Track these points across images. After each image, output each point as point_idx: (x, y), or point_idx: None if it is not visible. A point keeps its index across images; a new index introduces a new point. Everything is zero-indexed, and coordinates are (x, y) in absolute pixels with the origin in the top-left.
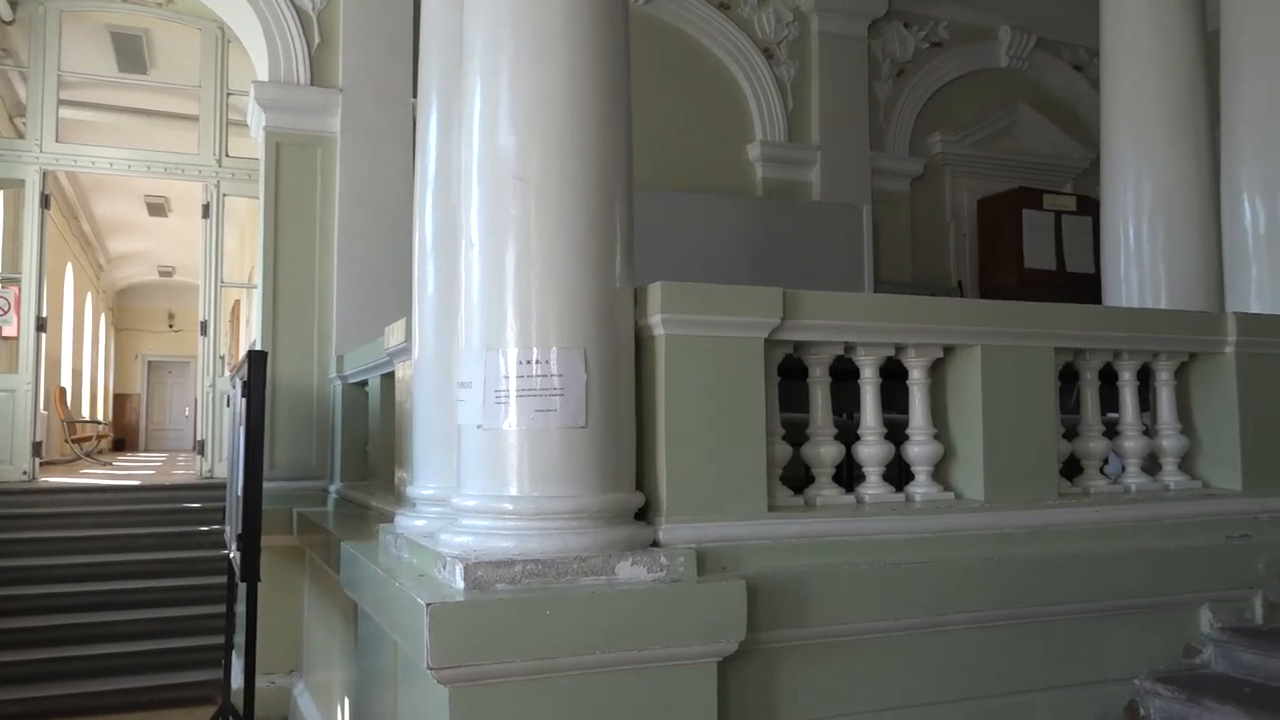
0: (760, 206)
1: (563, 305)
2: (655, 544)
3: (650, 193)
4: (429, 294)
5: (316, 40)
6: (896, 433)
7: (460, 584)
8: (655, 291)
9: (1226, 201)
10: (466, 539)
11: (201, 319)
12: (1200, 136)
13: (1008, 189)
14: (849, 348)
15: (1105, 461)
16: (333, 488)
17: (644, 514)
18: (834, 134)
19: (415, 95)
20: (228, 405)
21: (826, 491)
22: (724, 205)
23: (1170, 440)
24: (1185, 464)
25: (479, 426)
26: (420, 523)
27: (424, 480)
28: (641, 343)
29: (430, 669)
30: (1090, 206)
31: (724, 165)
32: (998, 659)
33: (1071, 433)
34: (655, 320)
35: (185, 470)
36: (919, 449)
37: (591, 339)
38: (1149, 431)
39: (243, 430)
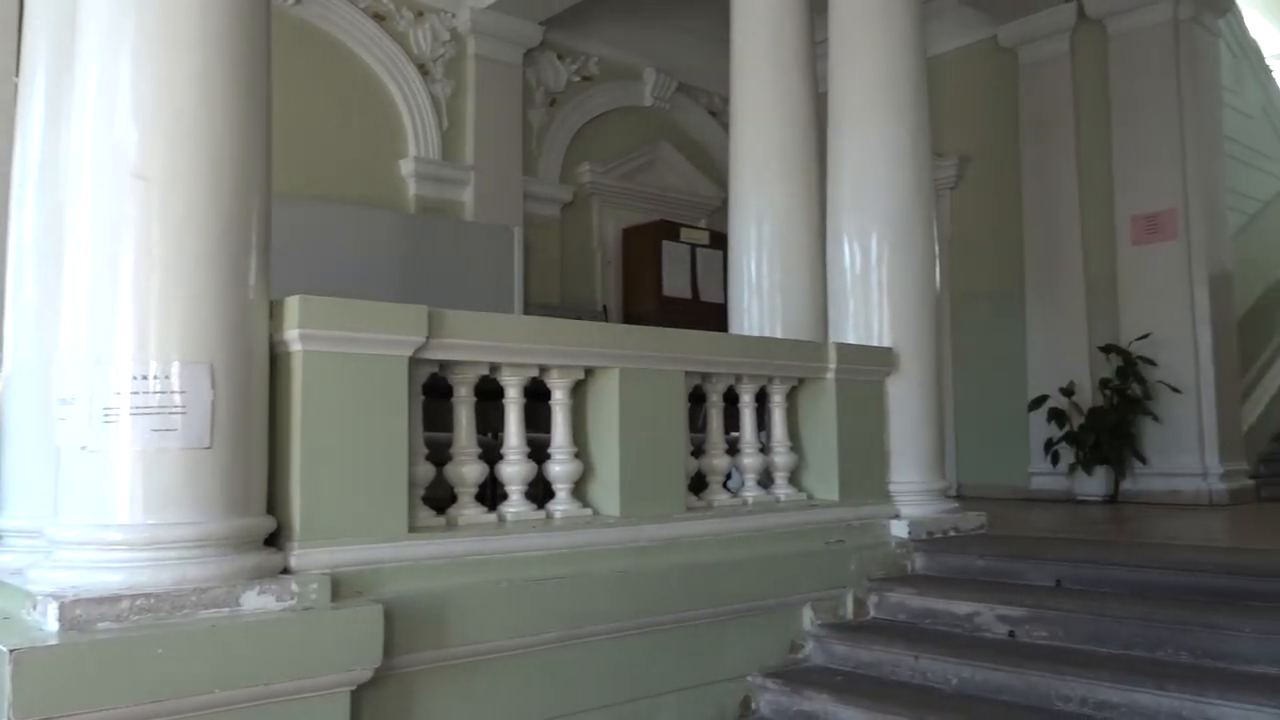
0: (412, 223)
1: (187, 316)
2: (287, 571)
3: (294, 202)
4: (27, 299)
5: None
6: (540, 451)
7: (53, 625)
8: (293, 305)
9: (830, 243)
10: (64, 574)
11: None
12: (812, 184)
13: (650, 221)
14: (494, 368)
15: (728, 476)
16: None
17: (276, 539)
18: (488, 156)
19: (19, 74)
20: None
21: (469, 511)
22: (374, 220)
23: (782, 457)
24: (794, 478)
25: (83, 448)
26: (8, 558)
27: (14, 509)
28: (277, 358)
29: None
30: (721, 241)
31: (375, 179)
32: (631, 666)
33: (699, 450)
34: (293, 335)
35: None
36: (560, 467)
37: (220, 353)
38: (765, 449)
39: None
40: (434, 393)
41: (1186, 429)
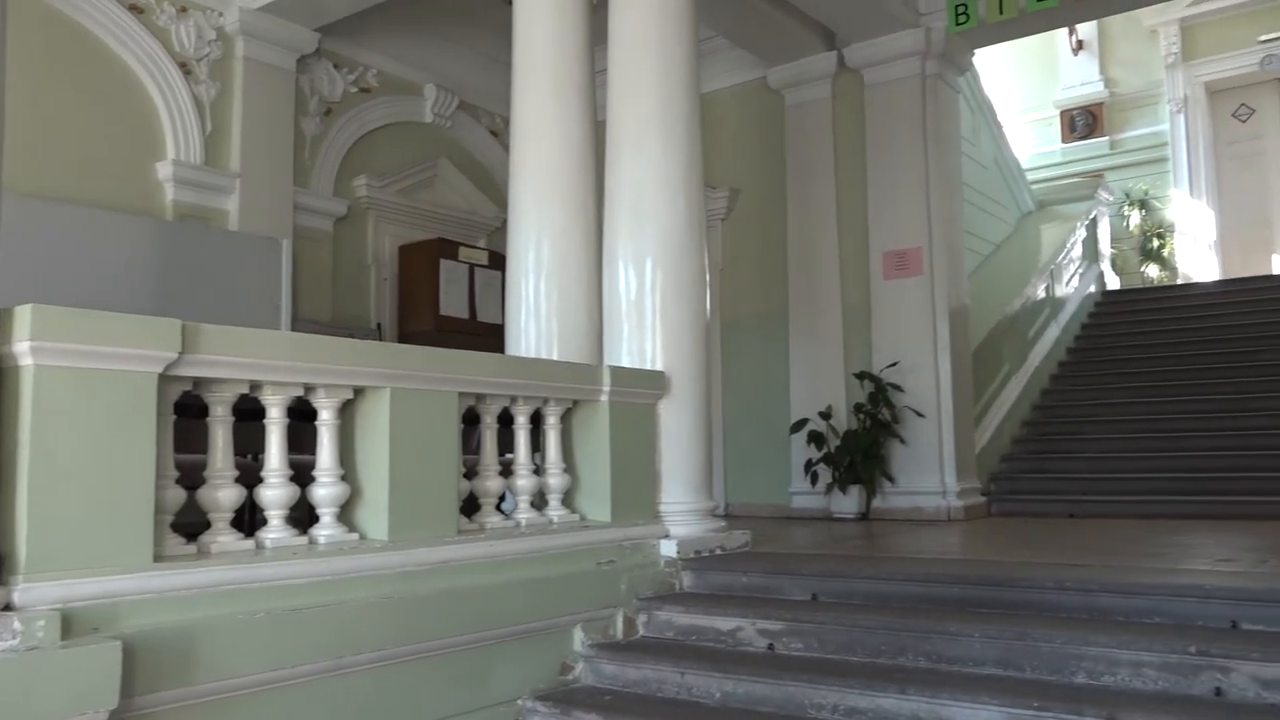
0: (169, 231)
1: None
2: (10, 607)
3: (32, 202)
4: None
5: None
6: (306, 474)
7: None
8: (24, 314)
9: (607, 268)
10: None
11: None
12: (590, 210)
13: (428, 238)
14: (255, 386)
15: (502, 498)
16: None
17: None
18: (256, 164)
19: None
20: None
21: (223, 538)
22: (125, 225)
23: (556, 478)
24: (567, 499)
25: None
26: None
27: None
28: (5, 373)
29: None
30: (500, 262)
31: (128, 181)
32: (397, 695)
33: (472, 472)
34: (23, 348)
35: None
36: (325, 491)
37: None
38: (539, 471)
39: None
40: (189, 412)
41: (929, 451)
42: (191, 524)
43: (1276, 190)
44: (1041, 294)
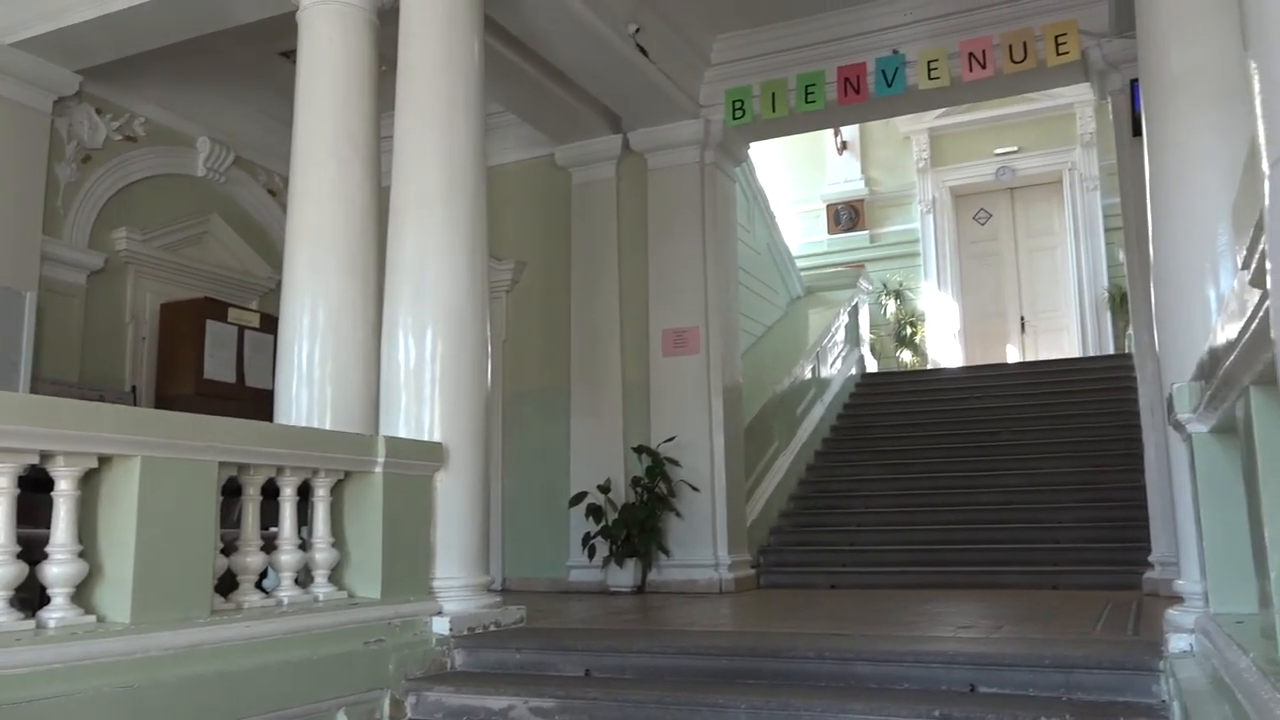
0: None
1: None
2: None
3: None
4: None
5: None
6: (41, 550)
7: None
8: None
9: (386, 337)
10: None
11: None
12: (370, 276)
13: (194, 297)
14: None
15: (264, 575)
16: None
17: None
18: (0, 209)
19: None
20: None
21: None
22: None
23: (323, 554)
24: (335, 575)
25: None
26: None
27: None
28: None
29: None
30: (273, 325)
31: None
32: None
33: (232, 548)
34: None
35: None
36: (58, 569)
37: None
38: (306, 545)
39: None
40: None
41: (702, 524)
42: None
43: (1010, 287)
44: (808, 374)
